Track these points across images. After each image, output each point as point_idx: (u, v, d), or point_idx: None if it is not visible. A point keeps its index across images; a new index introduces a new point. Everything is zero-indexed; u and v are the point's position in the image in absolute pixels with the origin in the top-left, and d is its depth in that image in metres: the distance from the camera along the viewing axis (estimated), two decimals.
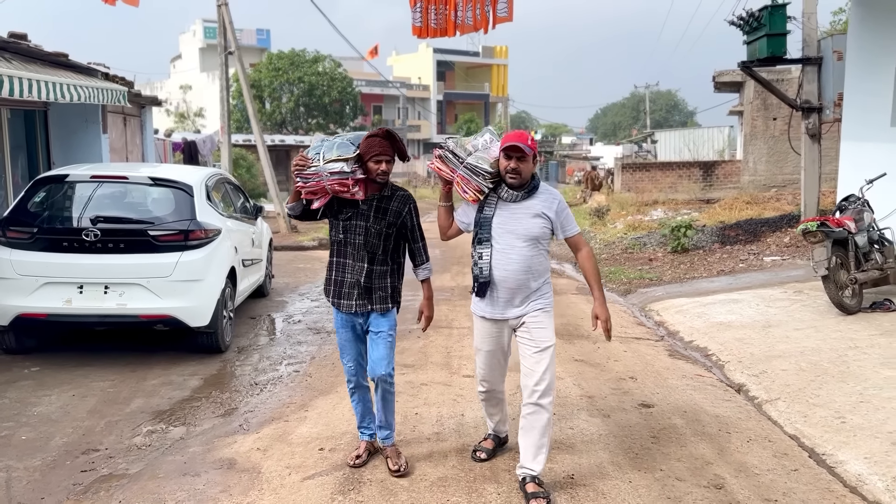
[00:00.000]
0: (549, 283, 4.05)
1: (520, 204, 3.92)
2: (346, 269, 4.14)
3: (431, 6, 10.11)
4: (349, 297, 4.13)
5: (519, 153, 3.80)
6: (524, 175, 3.86)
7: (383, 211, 4.10)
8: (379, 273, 4.14)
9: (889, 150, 8.60)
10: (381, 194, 4.12)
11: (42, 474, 4.26)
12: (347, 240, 4.11)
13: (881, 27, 8.89)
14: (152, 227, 6.30)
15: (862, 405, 5.04)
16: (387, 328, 4.16)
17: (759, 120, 22.58)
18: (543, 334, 3.90)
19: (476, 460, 4.25)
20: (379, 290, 4.15)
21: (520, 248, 3.87)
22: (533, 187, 3.93)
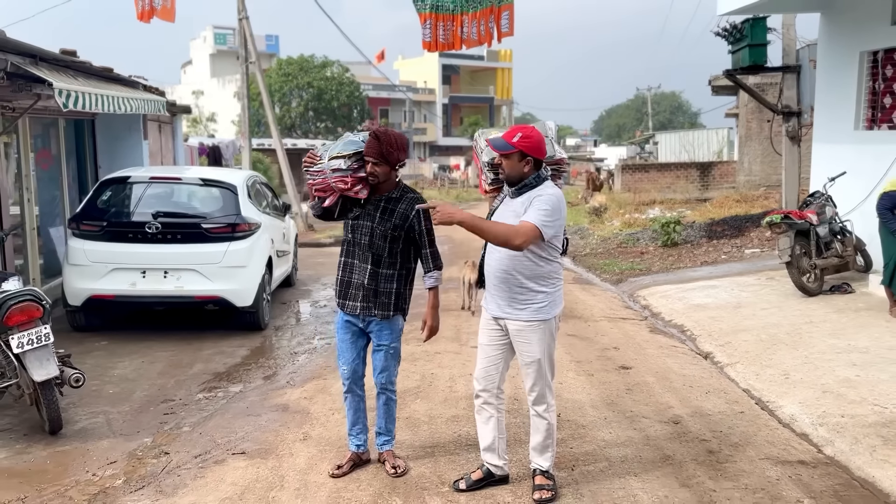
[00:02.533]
0: (546, 294, 3.77)
1: (512, 201, 3.80)
2: (353, 270, 4.12)
3: (440, 23, 11.12)
4: (354, 298, 4.09)
5: (496, 151, 3.74)
6: (508, 172, 3.73)
7: (389, 212, 4.03)
8: (384, 277, 4.06)
9: (853, 151, 9.57)
10: (389, 195, 4.06)
11: (133, 416, 5.30)
12: (355, 240, 4.09)
13: (844, 38, 9.86)
14: (204, 220, 7.35)
15: (805, 366, 6.03)
16: (388, 342, 4.12)
17: (754, 122, 23.51)
18: (527, 349, 3.79)
19: (455, 489, 3.97)
20: (382, 295, 4.06)
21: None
22: (524, 185, 3.74)
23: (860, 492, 3.96)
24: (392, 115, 58.02)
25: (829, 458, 4.40)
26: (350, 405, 4.28)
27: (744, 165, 23.32)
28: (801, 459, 4.40)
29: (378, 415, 4.30)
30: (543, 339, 3.79)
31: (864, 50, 9.47)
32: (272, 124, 16.63)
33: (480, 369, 3.99)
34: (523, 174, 3.74)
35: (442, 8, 11.03)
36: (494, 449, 3.99)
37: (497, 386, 3.96)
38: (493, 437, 3.98)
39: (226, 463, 4.43)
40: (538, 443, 3.94)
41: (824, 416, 4.96)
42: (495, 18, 10.95)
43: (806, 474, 4.18)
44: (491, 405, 3.97)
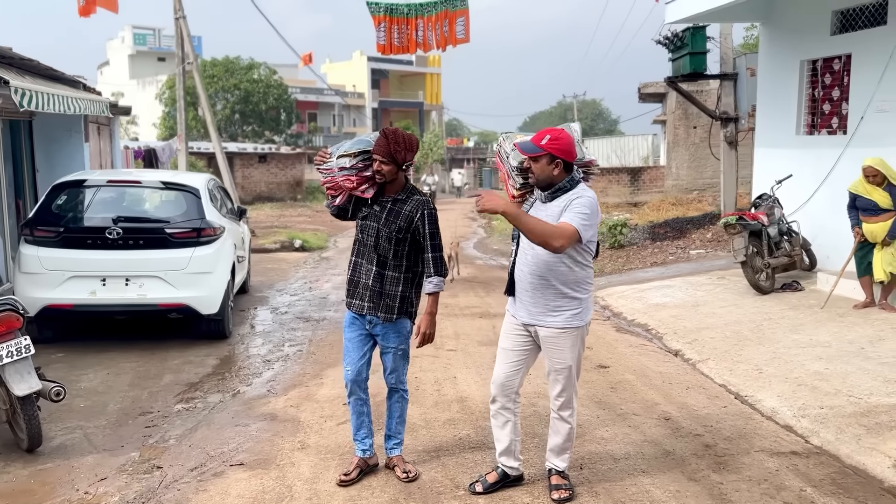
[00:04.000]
0: (580, 300, 3.75)
1: (546, 205, 3.71)
2: (360, 271, 4.10)
3: (395, 26, 11.11)
4: (361, 297, 4.08)
5: (525, 154, 3.71)
6: (538, 175, 3.68)
7: (395, 214, 4.00)
8: (391, 279, 4.03)
9: (795, 154, 10.03)
10: (396, 197, 4.03)
11: (112, 430, 5.05)
12: (363, 240, 4.08)
13: (785, 48, 10.33)
14: (168, 225, 7.08)
15: (775, 360, 6.27)
16: (395, 344, 4.10)
17: (681, 129, 24.37)
18: (559, 356, 3.76)
19: (471, 492, 3.95)
20: (387, 297, 4.03)
21: (536, 251, 3.68)
22: (558, 189, 3.69)
23: (855, 479, 4.14)
24: (321, 119, 57.47)
25: (818, 448, 4.58)
26: (354, 408, 4.21)
27: (672, 170, 24.11)
28: (793, 450, 4.56)
29: (388, 415, 4.26)
30: (576, 345, 3.79)
31: (804, 58, 9.95)
32: (211, 127, 16.19)
33: (501, 374, 3.92)
34: (553, 177, 3.68)
35: (396, 11, 11.03)
36: (511, 451, 3.98)
37: (515, 391, 3.94)
38: (509, 440, 3.96)
39: (225, 475, 4.28)
40: (557, 445, 3.96)
41: (804, 408, 5.17)
42: (450, 24, 11.02)
43: (802, 464, 4.34)
44: (508, 410, 3.94)
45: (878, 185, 7.28)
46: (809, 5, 9.61)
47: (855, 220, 7.48)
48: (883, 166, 7.29)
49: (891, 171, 7.28)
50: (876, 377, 5.55)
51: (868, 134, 8.71)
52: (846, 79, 9.27)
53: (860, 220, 7.43)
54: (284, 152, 32.90)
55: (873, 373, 5.65)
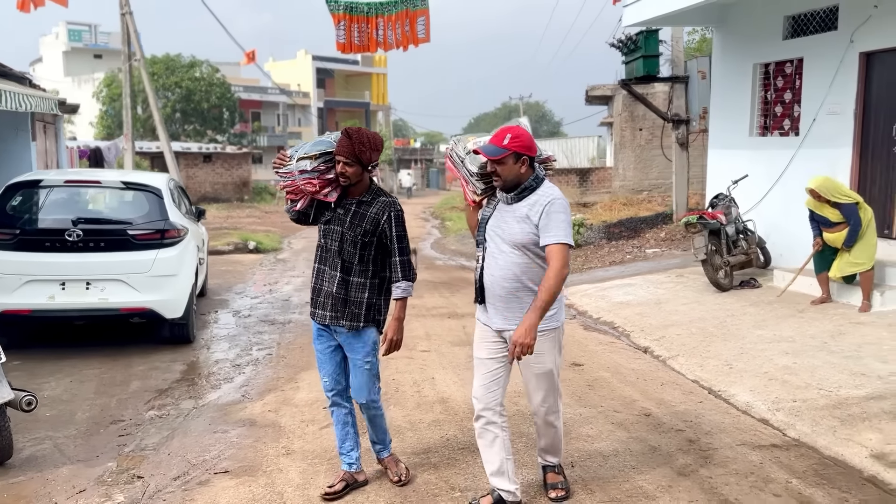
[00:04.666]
0: (558, 301, 3.61)
1: (511, 206, 3.57)
2: (324, 277, 3.91)
3: (354, 24, 11.00)
4: (323, 306, 3.88)
5: (489, 158, 3.50)
6: (505, 178, 3.51)
7: (360, 217, 3.81)
8: (356, 286, 3.84)
9: (749, 155, 10.31)
10: (361, 199, 3.84)
11: (83, 440, 4.86)
12: (326, 246, 3.89)
13: (739, 51, 10.62)
14: (130, 226, 6.85)
15: (743, 356, 6.43)
16: (361, 356, 3.88)
17: (628, 131, 24.85)
18: (538, 360, 3.60)
19: None
20: (352, 305, 3.83)
21: (507, 254, 3.56)
22: (525, 188, 3.54)
23: (836, 469, 4.26)
24: (265, 118, 56.58)
25: (796, 441, 4.71)
26: (337, 419, 4.04)
27: (619, 171, 24.56)
28: (773, 443, 4.68)
29: (367, 428, 4.14)
30: (554, 347, 3.69)
31: (757, 62, 10.23)
32: (160, 126, 15.75)
33: (481, 386, 3.70)
34: (521, 176, 3.52)
35: (356, 10, 10.92)
36: (504, 472, 3.67)
37: (499, 402, 3.69)
38: (500, 459, 3.67)
39: (211, 484, 4.16)
40: (548, 444, 3.92)
41: (778, 402, 5.30)
42: (411, 24, 10.97)
43: (783, 457, 4.45)
44: (494, 425, 3.67)
45: (827, 203, 7.50)
46: (762, 11, 9.89)
47: (816, 232, 7.68)
48: (823, 188, 7.44)
49: (832, 192, 7.42)
50: (842, 370, 5.73)
51: (820, 135, 9.02)
52: (798, 82, 9.57)
53: (821, 230, 7.63)
54: (230, 152, 32.29)
55: (839, 366, 5.83)
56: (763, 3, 9.74)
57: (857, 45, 8.41)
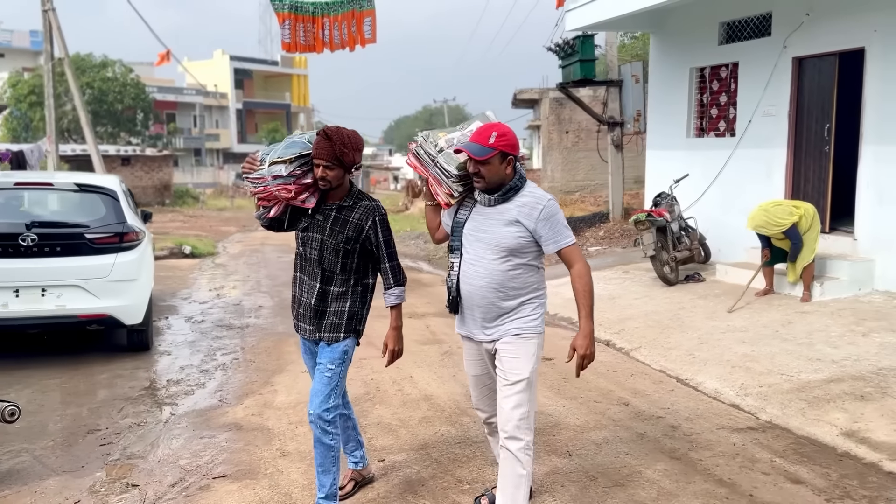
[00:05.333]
0: (536, 304, 3.39)
1: (494, 208, 3.30)
2: (303, 287, 3.68)
3: (300, 24, 10.88)
4: (304, 319, 3.67)
5: (475, 158, 3.20)
6: (489, 179, 3.23)
7: (341, 223, 3.55)
8: (335, 295, 3.60)
9: (686, 155, 10.77)
10: (341, 204, 3.58)
11: (63, 451, 4.67)
12: (305, 254, 3.64)
13: (676, 56, 11.08)
14: (88, 230, 6.59)
15: (703, 346, 6.73)
16: (325, 361, 3.59)
17: (555, 133, 25.41)
18: (513, 365, 3.30)
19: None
20: (332, 316, 3.60)
21: (489, 261, 3.29)
22: (510, 189, 3.28)
23: (812, 448, 4.54)
24: (180, 120, 54.94)
25: (769, 423, 4.98)
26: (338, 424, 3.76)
27: (547, 173, 25.08)
28: (749, 426, 4.94)
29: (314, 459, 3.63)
30: (533, 353, 3.34)
31: (693, 66, 10.71)
32: (87, 127, 15.11)
33: (481, 398, 3.61)
34: (505, 177, 3.26)
35: (301, 9, 10.81)
36: None
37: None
38: None
39: (213, 489, 4.08)
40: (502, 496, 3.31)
41: (745, 388, 5.60)
42: (357, 24, 10.93)
43: (762, 438, 4.71)
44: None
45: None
46: (698, 17, 10.35)
47: (764, 244, 8.06)
48: (764, 224, 7.72)
49: (772, 225, 7.69)
50: (799, 357, 6.09)
51: (756, 136, 9.52)
52: (733, 85, 10.07)
53: (769, 240, 7.99)
54: (150, 154, 31.23)
55: (795, 353, 6.19)
56: (699, 10, 10.19)
57: (790, 51, 8.93)
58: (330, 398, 3.54)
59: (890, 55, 7.71)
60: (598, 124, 14.39)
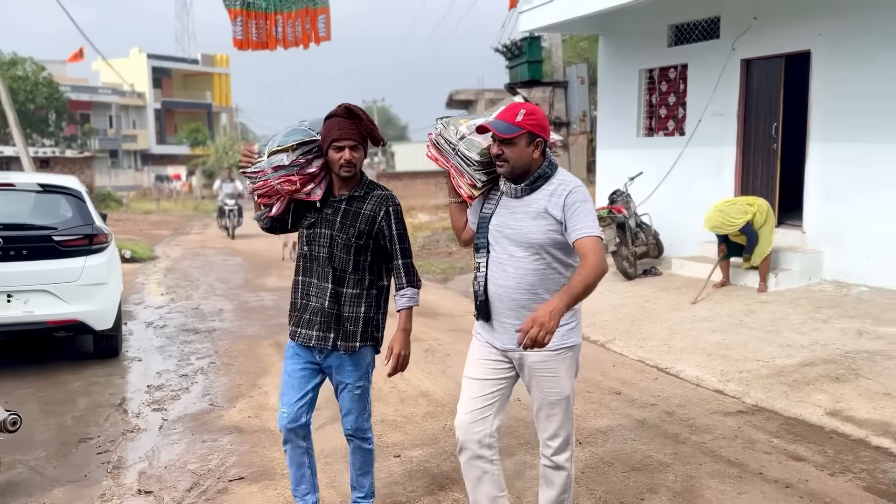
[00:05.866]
0: (573, 312, 3.00)
1: (521, 200, 2.97)
2: (310, 291, 3.31)
3: (252, 20, 10.67)
4: (309, 325, 3.28)
5: (501, 136, 2.86)
6: (514, 163, 2.89)
7: (353, 216, 3.22)
8: (350, 298, 3.26)
9: (637, 154, 11.11)
10: (352, 194, 3.24)
11: (59, 460, 4.47)
12: (312, 254, 3.28)
13: (625, 58, 11.42)
14: (56, 232, 6.31)
15: (675, 336, 6.99)
16: (353, 380, 3.31)
17: None
18: (553, 385, 3.00)
19: None
20: (347, 322, 3.26)
21: (519, 259, 2.95)
22: (538, 177, 2.94)
23: (802, 427, 4.80)
24: (95, 120, 52.82)
25: (756, 407, 5.23)
26: (292, 459, 3.39)
27: None
28: (738, 410, 5.18)
29: (350, 465, 3.53)
30: (572, 368, 3.06)
31: (642, 68, 11.06)
32: (16, 129, 14.33)
33: (468, 413, 3.07)
34: (533, 162, 2.91)
35: (254, 5, 10.62)
36: None
37: (489, 433, 3.05)
38: (490, 498, 3.09)
39: (232, 491, 4.00)
40: (552, 499, 3.17)
41: (725, 374, 5.85)
42: (311, 21, 10.82)
43: (754, 420, 4.95)
44: (482, 459, 3.06)
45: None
46: (647, 20, 10.70)
47: (721, 240, 8.42)
48: (721, 225, 8.07)
49: (727, 226, 8.05)
50: (769, 343, 6.40)
51: (706, 135, 9.91)
52: (682, 86, 10.46)
53: (726, 236, 8.35)
54: (70, 156, 29.81)
55: (765, 340, 6.51)
56: (648, 13, 10.54)
57: (739, 53, 9.35)
58: (363, 415, 3.38)
59: (834, 58, 8.18)
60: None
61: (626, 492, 3.89)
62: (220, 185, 19.54)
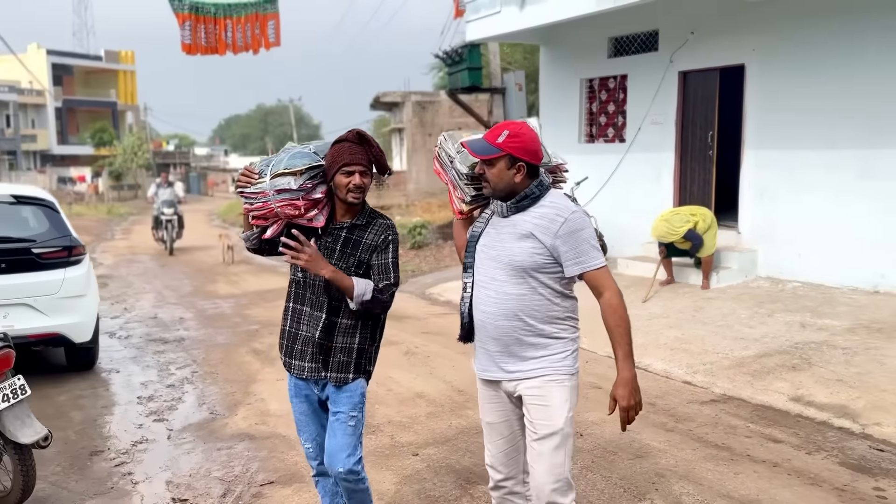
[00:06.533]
0: (567, 339, 2.94)
1: (508, 220, 2.85)
2: (301, 320, 3.18)
3: (201, 25, 10.60)
4: (301, 356, 3.16)
5: (476, 157, 2.81)
6: (494, 184, 2.81)
7: (354, 244, 3.10)
8: (344, 329, 3.13)
9: (579, 160, 11.58)
10: (353, 222, 3.11)
11: (79, 475, 4.50)
12: (306, 281, 3.13)
13: (566, 67, 11.96)
14: (35, 244, 6.20)
15: (635, 332, 7.25)
16: (346, 409, 3.15)
17: (419, 136, 26.02)
18: (542, 415, 2.82)
19: None
20: (339, 353, 3.13)
21: (501, 283, 2.83)
22: (524, 197, 2.82)
23: (772, 413, 5.33)
24: None
25: (726, 395, 5.75)
26: (324, 491, 3.38)
27: (413, 175, 25.67)
28: (711, 399, 5.68)
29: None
30: (568, 399, 2.86)
31: (583, 77, 11.62)
32: None
33: (497, 454, 3.01)
34: (514, 185, 2.80)
35: (202, 10, 10.55)
36: None
37: (523, 469, 3.01)
38: None
39: (267, 495, 4.16)
40: None
41: (691, 367, 6.37)
42: (261, 26, 10.84)
43: (728, 408, 5.45)
44: (517, 495, 3.05)
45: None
46: (587, 32, 11.24)
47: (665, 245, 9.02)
48: (667, 235, 8.65)
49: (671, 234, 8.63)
50: (724, 337, 6.98)
51: (645, 142, 10.54)
52: (621, 95, 11.07)
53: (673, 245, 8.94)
54: None
55: (720, 334, 7.09)
56: (589, 26, 11.07)
57: (676, 65, 10.00)
58: (357, 450, 3.16)
59: (767, 71, 8.91)
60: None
61: (637, 477, 4.28)
62: (156, 190, 16.60)
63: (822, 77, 8.31)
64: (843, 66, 8.09)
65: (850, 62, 8.03)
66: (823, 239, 8.44)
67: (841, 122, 8.15)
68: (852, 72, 8.01)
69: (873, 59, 7.83)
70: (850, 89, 8.03)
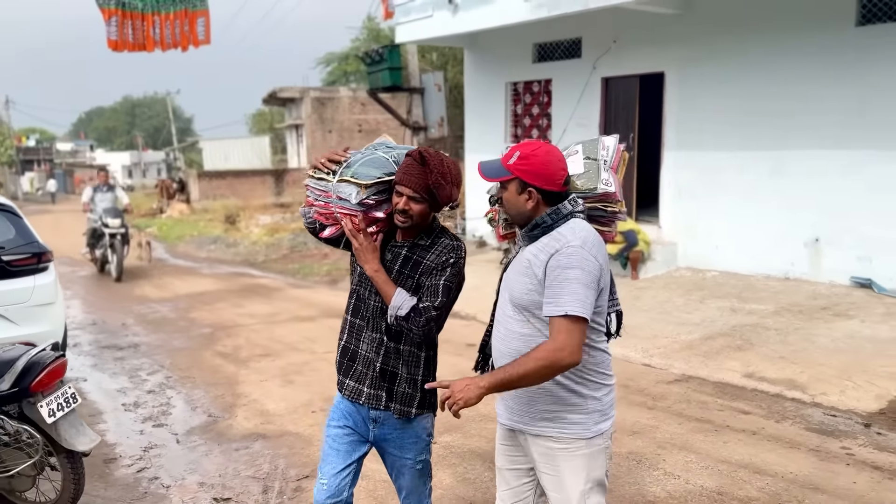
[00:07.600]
0: (595, 400, 2.56)
1: (523, 250, 2.59)
2: (361, 336, 2.87)
3: (128, 21, 10.24)
4: (359, 378, 2.86)
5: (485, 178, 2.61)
6: (508, 209, 2.58)
7: (413, 265, 2.79)
8: (404, 356, 2.83)
9: None
10: (416, 241, 2.80)
11: (104, 482, 4.51)
12: (361, 295, 2.87)
13: (491, 70, 12.45)
14: (4, 251, 5.95)
15: None
16: (413, 454, 2.89)
17: (318, 132, 25.94)
18: (554, 486, 2.58)
19: None
20: (403, 383, 2.82)
21: (508, 319, 2.59)
22: (536, 226, 2.53)
23: (732, 389, 5.97)
24: None
25: (686, 375, 6.37)
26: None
27: None
28: (675, 379, 6.29)
29: None
30: (582, 470, 2.54)
31: (508, 81, 12.16)
32: None
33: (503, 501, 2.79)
34: (527, 212, 2.53)
35: (129, 6, 10.24)
36: None
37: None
38: None
39: (307, 490, 4.33)
40: None
41: (647, 351, 6.99)
42: (190, 24, 10.63)
43: (692, 386, 6.07)
44: None
45: None
46: (513, 38, 11.78)
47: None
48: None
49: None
50: (668, 323, 7.67)
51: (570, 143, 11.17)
52: (545, 98, 11.69)
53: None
54: None
55: (663, 320, 7.77)
56: (514, 32, 11.62)
57: (599, 71, 10.71)
58: (427, 490, 2.99)
59: (686, 79, 9.74)
60: (403, 127, 15.33)
61: (643, 452, 4.77)
62: (93, 194, 12.75)
63: (735, 85, 9.20)
64: (755, 75, 9.01)
65: (761, 71, 8.96)
66: (738, 232, 9.36)
67: (753, 126, 9.08)
68: (763, 80, 8.94)
69: (782, 68, 8.77)
70: (760, 96, 8.96)
